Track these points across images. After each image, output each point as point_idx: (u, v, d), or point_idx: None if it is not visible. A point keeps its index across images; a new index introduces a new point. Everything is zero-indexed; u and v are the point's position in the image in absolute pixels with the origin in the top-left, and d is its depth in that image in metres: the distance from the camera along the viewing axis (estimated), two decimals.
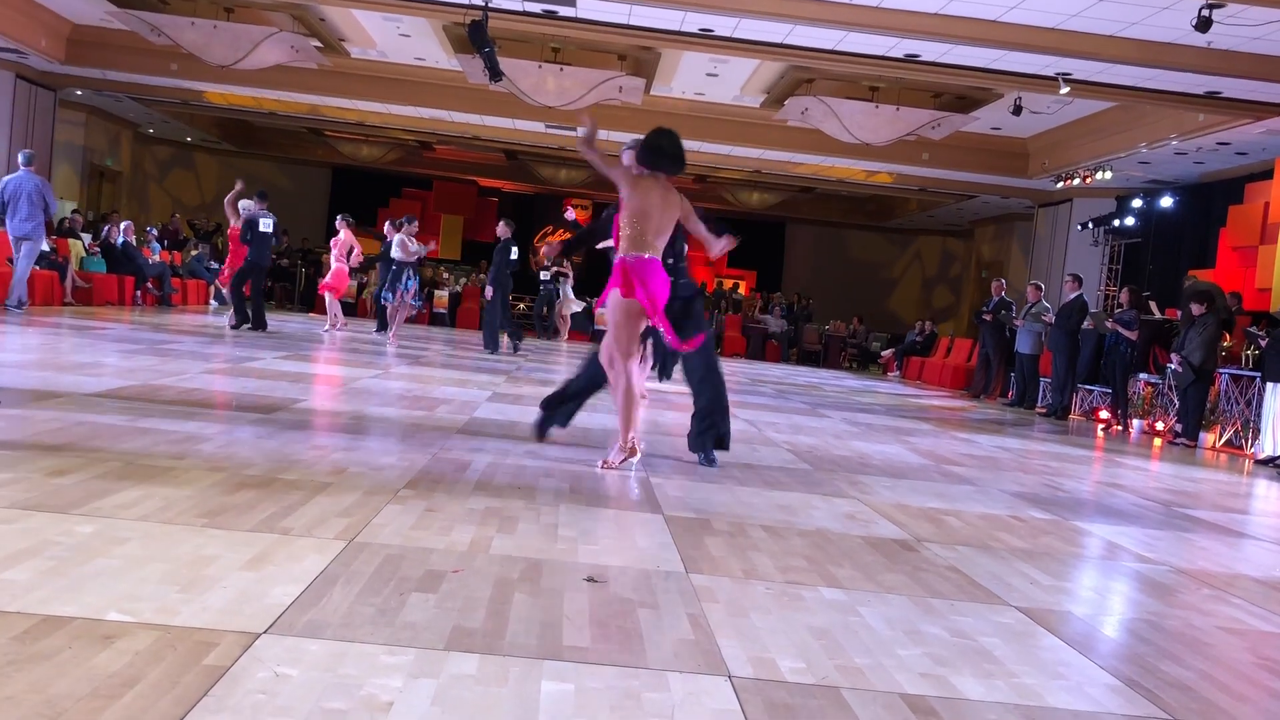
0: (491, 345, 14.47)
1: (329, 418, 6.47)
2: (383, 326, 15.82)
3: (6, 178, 12.50)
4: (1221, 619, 3.64)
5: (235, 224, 13.93)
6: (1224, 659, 3.16)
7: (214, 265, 20.34)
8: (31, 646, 2.20)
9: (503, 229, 14.36)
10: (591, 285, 17.01)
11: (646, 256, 5.22)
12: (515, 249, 14.48)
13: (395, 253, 14.27)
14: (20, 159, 12.53)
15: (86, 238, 17.32)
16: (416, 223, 14.84)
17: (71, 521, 3.19)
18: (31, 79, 17.91)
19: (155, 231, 19.33)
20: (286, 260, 23.50)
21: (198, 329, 12.08)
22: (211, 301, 18.98)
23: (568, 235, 10.50)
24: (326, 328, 14.97)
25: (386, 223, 15.83)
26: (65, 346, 9.21)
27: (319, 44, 15.71)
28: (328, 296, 15.37)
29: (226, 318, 13.47)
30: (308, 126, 23.84)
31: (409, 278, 14.29)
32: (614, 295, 5.34)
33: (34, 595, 2.51)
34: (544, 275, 19.82)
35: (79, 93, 19.84)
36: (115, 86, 18.93)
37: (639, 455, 5.46)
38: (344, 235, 14.86)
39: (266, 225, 13.49)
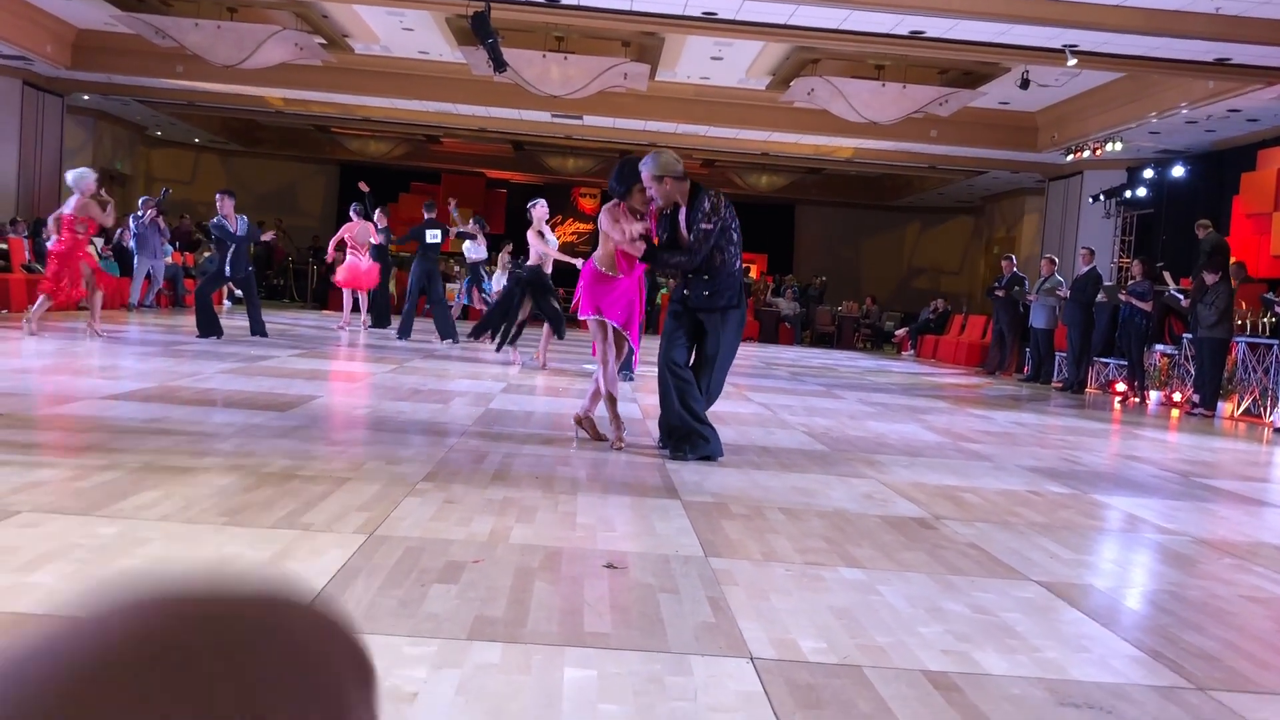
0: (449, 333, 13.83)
1: (345, 413, 6.50)
2: (448, 334, 14.01)
3: None
4: (1244, 588, 3.63)
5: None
6: (1247, 627, 3.15)
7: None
8: None
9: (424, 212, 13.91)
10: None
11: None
12: (437, 232, 13.89)
13: (470, 253, 14.36)
14: None
15: (99, 241, 17.41)
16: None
17: (94, 524, 3.21)
18: (38, 85, 17.97)
19: (168, 233, 19.40)
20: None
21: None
22: (225, 301, 19.04)
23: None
24: (340, 325, 14.98)
25: (377, 211, 15.22)
26: (81, 350, 9.26)
27: (323, 41, 15.71)
28: (345, 292, 15.26)
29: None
30: (314, 124, 23.86)
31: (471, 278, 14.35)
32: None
33: (59, 599, 2.53)
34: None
35: (86, 97, 19.89)
36: (121, 90, 18.97)
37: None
38: (349, 231, 14.83)
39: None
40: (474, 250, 14.58)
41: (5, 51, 16.06)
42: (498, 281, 14.24)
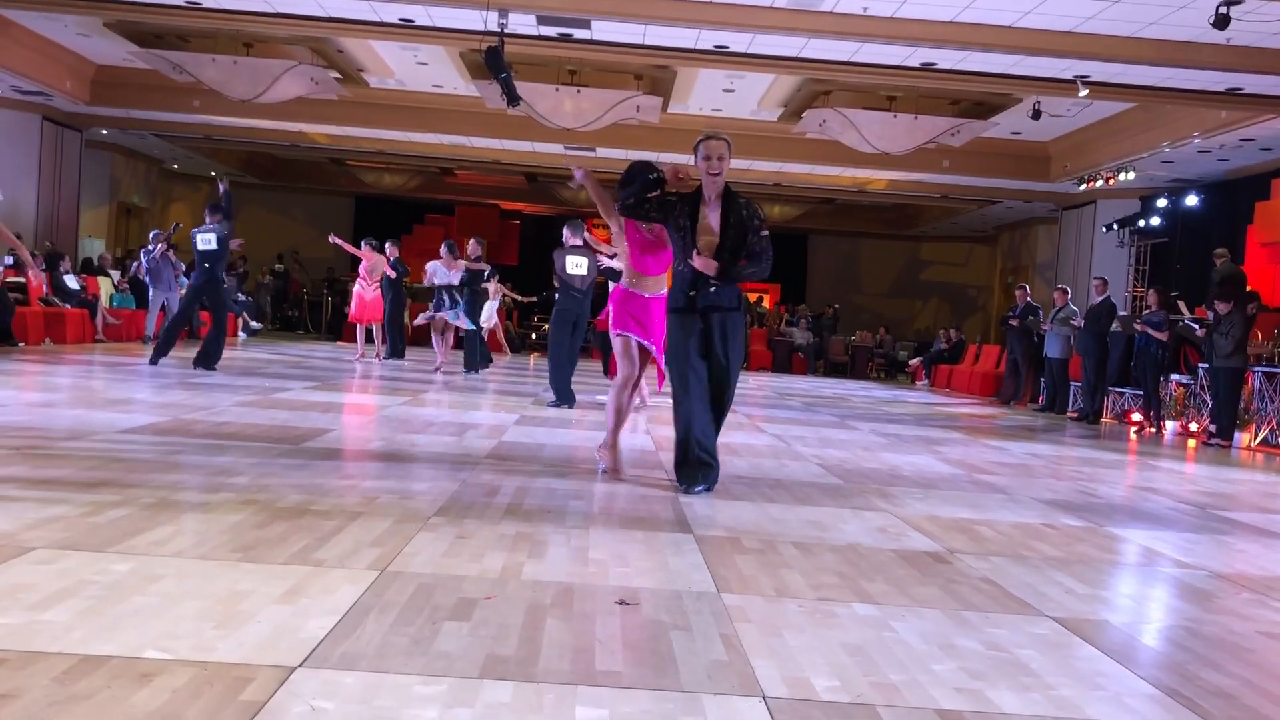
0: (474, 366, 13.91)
1: (359, 447, 6.51)
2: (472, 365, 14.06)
3: None
4: (1262, 624, 3.59)
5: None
6: (1265, 665, 3.12)
7: (241, 298, 20.59)
8: (71, 687, 2.23)
9: (474, 247, 13.67)
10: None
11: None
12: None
13: (437, 279, 14.23)
14: None
15: (115, 274, 17.57)
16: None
17: (107, 560, 3.22)
18: (58, 120, 18.21)
19: (184, 266, 19.55)
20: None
21: (227, 362, 12.16)
22: (240, 333, 19.16)
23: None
24: (356, 357, 15.06)
25: (388, 244, 15.34)
26: (98, 384, 9.32)
27: (338, 75, 15.88)
28: (357, 327, 15.31)
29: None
30: (330, 157, 24.09)
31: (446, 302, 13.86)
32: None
33: (72, 635, 2.54)
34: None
35: (104, 132, 20.14)
36: (139, 125, 19.21)
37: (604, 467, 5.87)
38: (364, 261, 14.94)
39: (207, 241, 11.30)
40: (442, 276, 13.92)
41: (25, 87, 16.29)
42: (488, 310, 14.14)
